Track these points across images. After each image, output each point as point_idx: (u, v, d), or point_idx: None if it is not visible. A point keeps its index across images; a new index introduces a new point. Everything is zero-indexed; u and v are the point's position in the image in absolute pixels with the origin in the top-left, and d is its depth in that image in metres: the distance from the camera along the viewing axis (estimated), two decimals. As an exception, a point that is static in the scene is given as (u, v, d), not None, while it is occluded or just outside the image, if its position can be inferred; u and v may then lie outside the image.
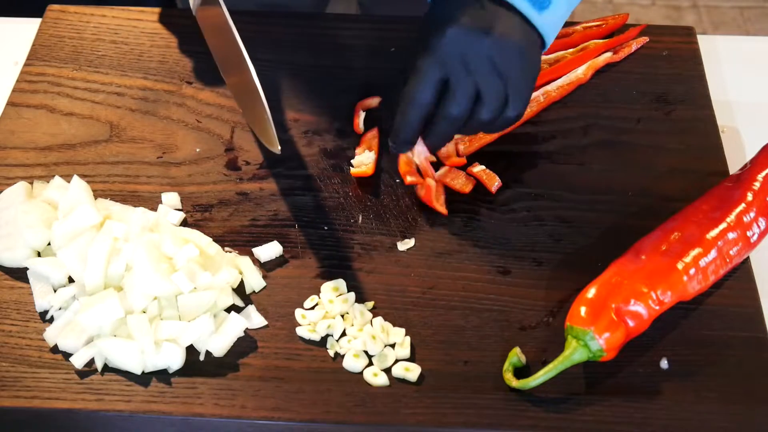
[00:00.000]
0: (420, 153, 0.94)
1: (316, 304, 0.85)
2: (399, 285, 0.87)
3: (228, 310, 0.85)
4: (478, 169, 0.95)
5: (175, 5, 1.22)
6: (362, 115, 1.00)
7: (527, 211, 0.93)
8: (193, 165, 0.96)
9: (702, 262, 0.83)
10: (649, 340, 0.83)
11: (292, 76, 1.04)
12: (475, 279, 0.87)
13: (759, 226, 0.86)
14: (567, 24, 1.05)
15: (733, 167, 0.95)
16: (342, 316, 0.85)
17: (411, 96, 0.86)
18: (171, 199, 0.93)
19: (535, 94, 0.99)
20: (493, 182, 0.94)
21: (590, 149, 0.98)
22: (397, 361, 0.82)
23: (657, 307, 0.81)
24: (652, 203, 0.93)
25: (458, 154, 0.96)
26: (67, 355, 0.82)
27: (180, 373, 0.81)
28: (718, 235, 0.84)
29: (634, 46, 1.06)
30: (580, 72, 1.02)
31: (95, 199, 0.90)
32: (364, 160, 0.95)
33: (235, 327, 0.82)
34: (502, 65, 0.84)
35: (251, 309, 0.85)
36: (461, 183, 0.94)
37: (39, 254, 0.88)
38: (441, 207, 0.92)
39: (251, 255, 0.89)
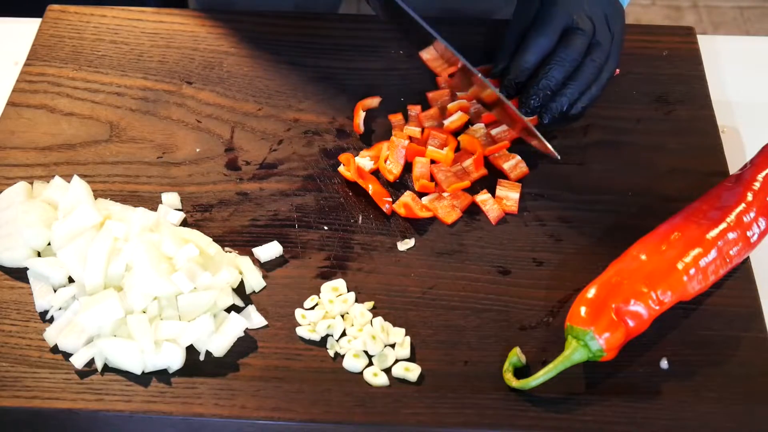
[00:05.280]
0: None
1: (316, 304, 0.85)
2: (399, 285, 0.87)
3: (228, 310, 0.85)
4: (484, 197, 0.93)
5: (175, 5, 1.22)
6: (362, 115, 1.00)
7: (527, 211, 0.93)
8: (193, 165, 0.96)
9: (702, 262, 0.83)
10: (649, 340, 0.83)
11: (292, 76, 1.04)
12: (475, 279, 0.87)
13: (759, 226, 0.86)
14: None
15: (733, 167, 0.95)
16: (342, 316, 0.85)
17: (534, 40, 0.96)
18: (171, 199, 0.93)
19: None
20: (495, 213, 0.92)
21: (590, 149, 0.98)
22: (397, 361, 0.82)
23: (657, 307, 0.81)
24: (652, 203, 0.93)
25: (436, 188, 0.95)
26: (67, 355, 0.82)
27: (180, 373, 0.81)
28: (718, 235, 0.84)
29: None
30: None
31: (95, 199, 0.90)
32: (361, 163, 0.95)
33: (235, 327, 0.82)
34: (612, 21, 0.99)
35: (251, 309, 0.85)
36: (445, 211, 0.92)
37: (39, 254, 0.88)
38: (424, 213, 0.91)
39: (251, 255, 0.89)
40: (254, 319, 0.84)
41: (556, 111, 0.96)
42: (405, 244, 0.90)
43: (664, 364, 0.82)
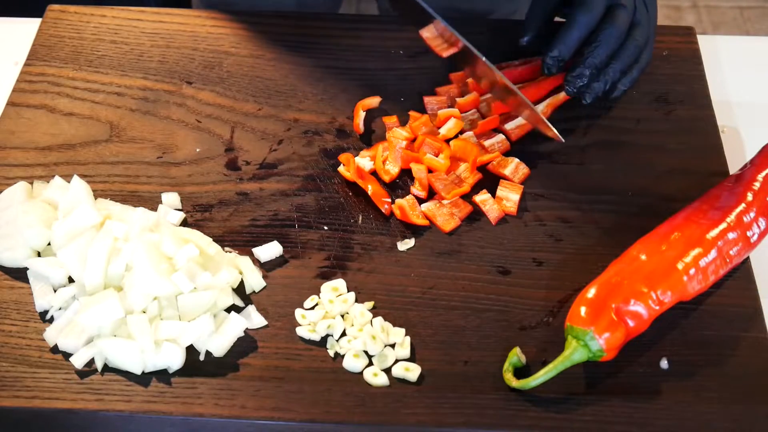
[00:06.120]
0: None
1: (316, 304, 0.85)
2: (399, 285, 0.87)
3: (228, 310, 0.85)
4: (483, 197, 0.93)
5: (175, 5, 1.22)
6: (362, 115, 1.00)
7: (527, 211, 0.93)
8: (193, 165, 0.96)
9: (702, 262, 0.83)
10: (649, 340, 0.83)
11: (292, 76, 1.04)
12: (475, 279, 0.87)
13: (759, 226, 0.86)
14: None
15: (733, 167, 0.95)
16: (342, 316, 0.85)
17: (579, 16, 0.94)
18: (171, 199, 0.93)
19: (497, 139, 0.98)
20: (494, 213, 0.92)
21: (590, 149, 0.98)
22: (397, 361, 0.82)
23: (657, 307, 0.81)
24: (652, 203, 0.93)
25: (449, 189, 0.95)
26: (67, 355, 0.82)
27: (180, 373, 0.81)
28: (718, 235, 0.84)
29: None
30: (541, 108, 1.00)
31: (95, 199, 0.90)
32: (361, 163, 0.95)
33: (235, 327, 0.82)
34: (648, 1, 0.99)
35: (251, 309, 0.85)
36: (444, 219, 0.91)
37: (39, 254, 0.88)
38: (421, 220, 0.91)
39: (251, 255, 0.89)
40: (254, 319, 0.84)
41: (599, 90, 0.95)
42: (405, 244, 0.90)
43: (664, 364, 0.82)
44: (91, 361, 0.81)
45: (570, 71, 0.94)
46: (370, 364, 0.82)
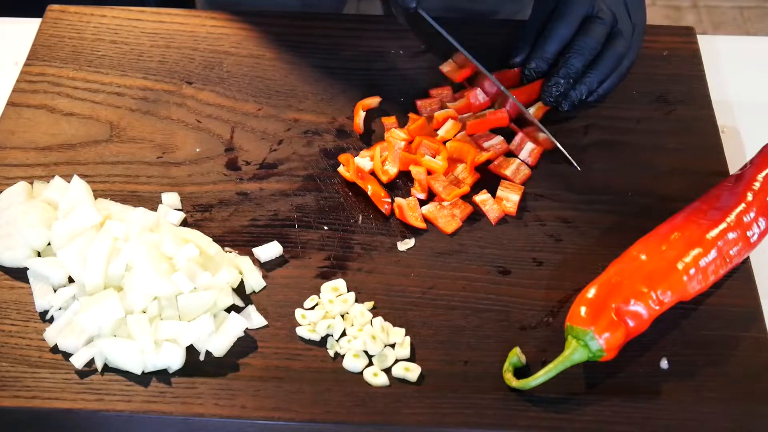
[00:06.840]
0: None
1: (316, 304, 0.85)
2: (399, 285, 0.87)
3: (228, 310, 0.85)
4: (483, 197, 0.93)
5: (175, 5, 1.22)
6: (362, 115, 1.00)
7: (527, 211, 0.93)
8: (193, 165, 0.96)
9: (702, 262, 0.83)
10: (649, 340, 0.83)
11: (292, 76, 1.04)
12: (475, 279, 0.87)
13: (759, 226, 0.86)
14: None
15: (733, 167, 0.95)
16: (342, 316, 0.85)
17: (554, 30, 0.97)
18: (171, 199, 0.93)
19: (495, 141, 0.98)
20: (495, 214, 0.92)
21: (590, 149, 0.98)
22: (397, 361, 0.82)
23: (657, 307, 0.81)
24: (652, 203, 0.93)
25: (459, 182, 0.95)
26: (67, 355, 0.82)
27: (180, 373, 0.81)
28: (718, 235, 0.84)
29: None
30: (534, 109, 1.00)
31: (95, 199, 0.90)
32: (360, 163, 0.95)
33: (235, 327, 0.82)
34: (632, 11, 0.99)
35: (251, 309, 0.85)
36: (445, 221, 0.91)
37: (39, 254, 0.88)
38: (418, 223, 0.91)
39: (251, 255, 0.89)
40: (254, 319, 0.84)
41: (576, 99, 0.97)
42: (405, 244, 0.90)
43: (664, 364, 0.82)
44: (91, 361, 0.81)
45: (546, 81, 0.98)
46: (370, 364, 0.82)
